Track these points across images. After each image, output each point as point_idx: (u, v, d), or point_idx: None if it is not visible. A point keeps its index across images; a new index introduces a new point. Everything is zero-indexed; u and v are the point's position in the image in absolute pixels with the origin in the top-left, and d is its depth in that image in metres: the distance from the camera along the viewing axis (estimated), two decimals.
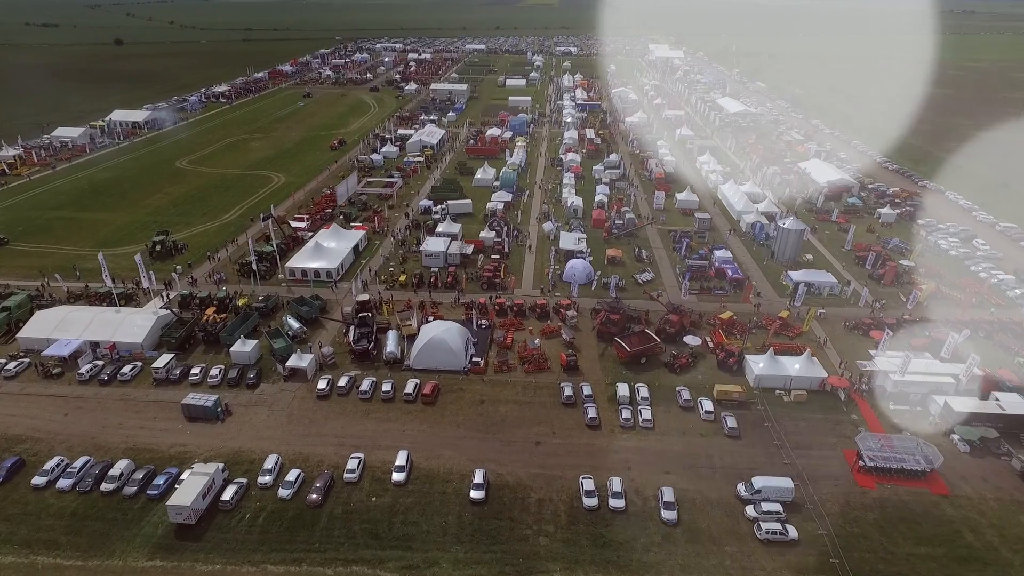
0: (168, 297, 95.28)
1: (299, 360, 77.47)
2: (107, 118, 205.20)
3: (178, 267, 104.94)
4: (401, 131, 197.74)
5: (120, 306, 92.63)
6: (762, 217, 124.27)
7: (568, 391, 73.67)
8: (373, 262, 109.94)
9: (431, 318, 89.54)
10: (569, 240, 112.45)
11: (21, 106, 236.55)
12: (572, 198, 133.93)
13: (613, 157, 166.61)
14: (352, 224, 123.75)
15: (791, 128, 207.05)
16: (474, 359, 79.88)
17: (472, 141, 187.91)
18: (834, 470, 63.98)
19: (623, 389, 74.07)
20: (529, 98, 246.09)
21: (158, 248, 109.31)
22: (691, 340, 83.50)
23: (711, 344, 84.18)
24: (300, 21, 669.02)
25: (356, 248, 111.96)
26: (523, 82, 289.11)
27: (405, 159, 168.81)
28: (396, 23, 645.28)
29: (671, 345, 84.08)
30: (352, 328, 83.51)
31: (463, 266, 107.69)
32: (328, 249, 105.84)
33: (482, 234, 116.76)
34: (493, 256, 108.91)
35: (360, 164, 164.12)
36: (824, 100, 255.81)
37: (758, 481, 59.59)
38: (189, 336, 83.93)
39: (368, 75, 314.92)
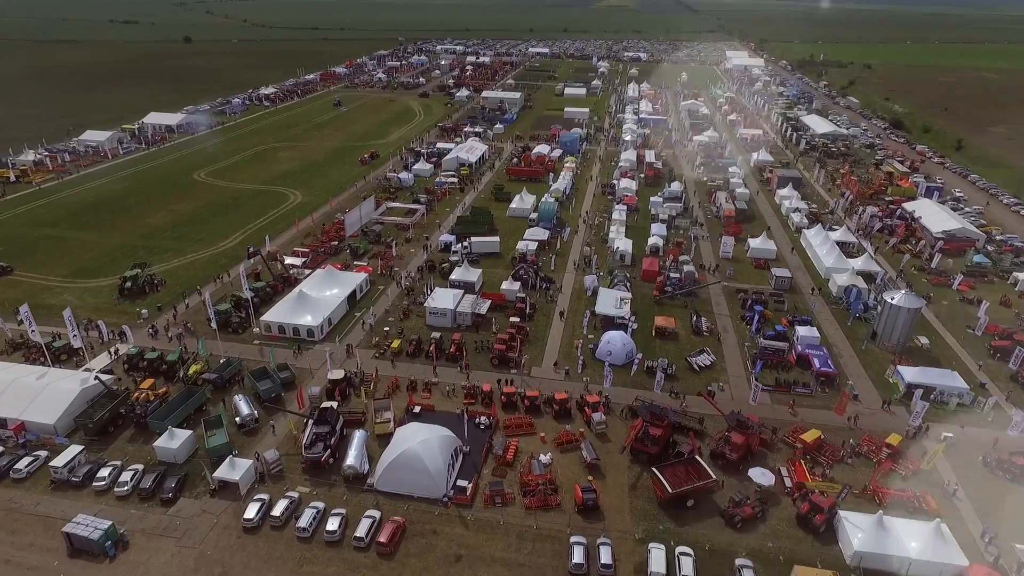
0: (116, 354, 79.72)
1: (231, 470, 59.34)
2: (141, 121, 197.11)
3: (144, 311, 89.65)
4: (441, 144, 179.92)
5: (63, 362, 78.00)
6: (859, 279, 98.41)
7: (579, 554, 52.21)
8: (371, 315, 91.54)
9: (417, 408, 70.04)
10: (608, 301, 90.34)
11: (66, 105, 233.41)
12: (620, 240, 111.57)
13: (675, 186, 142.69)
14: (355, 264, 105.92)
15: (892, 155, 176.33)
16: (459, 484, 59.64)
17: (515, 159, 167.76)
18: None
19: (657, 558, 52.00)
20: (587, 110, 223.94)
21: (128, 285, 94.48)
22: (761, 477, 60.24)
23: (788, 483, 60.80)
24: (367, 20, 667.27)
25: (353, 296, 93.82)
26: (583, 91, 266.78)
27: (437, 179, 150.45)
28: (462, 24, 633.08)
29: (731, 475, 61.40)
30: (309, 424, 64.90)
31: (476, 327, 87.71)
32: (314, 299, 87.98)
33: (504, 285, 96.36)
34: (512, 319, 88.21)
35: (387, 183, 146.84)
36: (930, 120, 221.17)
37: None
38: (114, 418, 67.46)
39: (421, 79, 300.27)
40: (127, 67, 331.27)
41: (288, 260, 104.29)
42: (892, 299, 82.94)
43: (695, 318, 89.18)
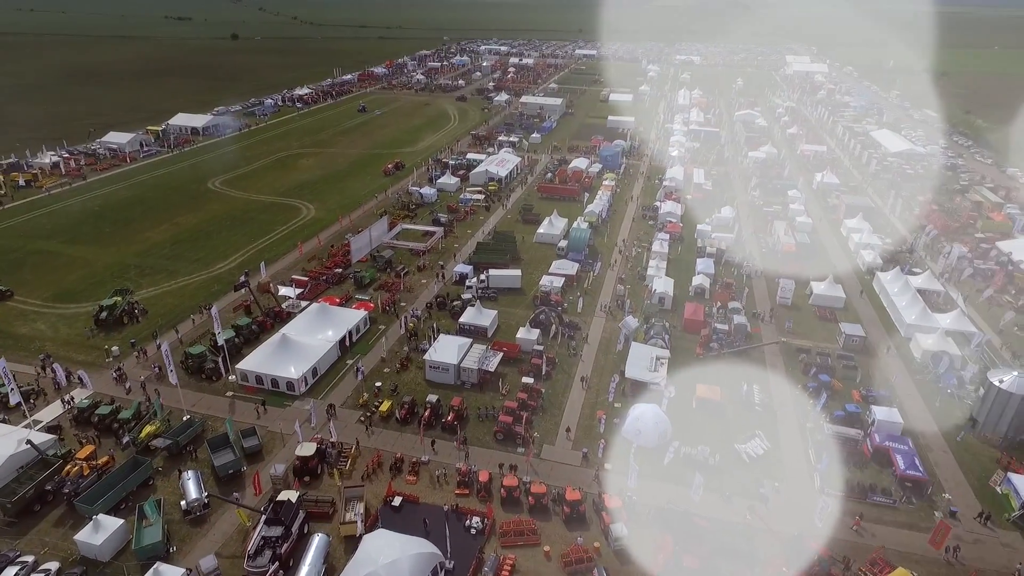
0: (70, 403, 69.88)
1: None
2: (167, 122, 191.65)
3: (115, 348, 79.96)
4: (471, 155, 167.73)
5: (10, 412, 68.64)
6: (950, 343, 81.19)
7: None
8: (367, 361, 79.72)
9: (397, 500, 57.54)
10: (642, 360, 76.02)
11: (100, 103, 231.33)
12: (659, 280, 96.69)
13: (726, 212, 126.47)
14: (356, 297, 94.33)
15: (979, 180, 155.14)
16: None
17: (549, 174, 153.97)
18: None
19: None
20: (632, 119, 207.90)
21: (104, 316, 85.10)
22: None
23: None
24: (416, 19, 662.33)
25: (348, 338, 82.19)
26: (630, 97, 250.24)
27: (462, 196, 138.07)
28: (511, 23, 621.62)
29: None
30: (260, 522, 53.11)
31: (481, 386, 74.83)
32: (299, 345, 76.58)
33: (520, 333, 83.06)
34: (526, 379, 74.88)
35: (407, 199, 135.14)
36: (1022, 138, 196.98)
37: None
38: (42, 494, 57.19)
39: (460, 81, 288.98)
40: (169, 64, 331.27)
41: (283, 291, 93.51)
42: (1000, 382, 66.15)
43: (745, 387, 73.99)
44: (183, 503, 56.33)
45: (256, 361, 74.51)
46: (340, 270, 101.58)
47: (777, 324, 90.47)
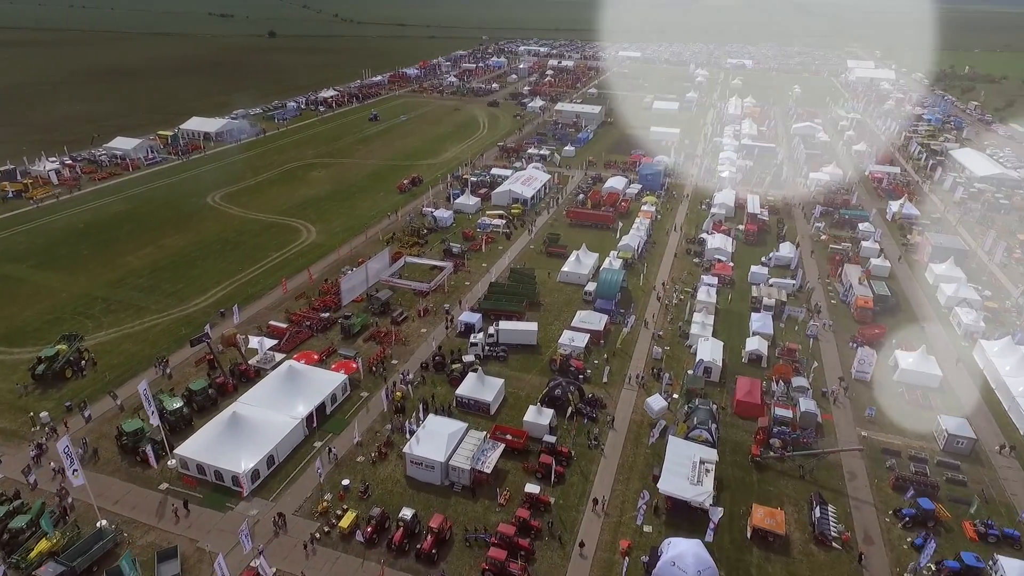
0: None
1: None
2: (179, 126, 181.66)
3: (44, 414, 66.95)
4: (496, 169, 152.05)
5: None
6: None
7: None
8: (339, 444, 65.01)
9: None
10: (680, 467, 58.87)
11: (121, 103, 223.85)
12: (704, 343, 79.14)
13: (784, 250, 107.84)
14: (340, 353, 79.49)
15: None
16: None
17: (581, 195, 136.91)
18: None
19: None
20: (677, 130, 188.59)
21: (41, 370, 72.21)
22: None
23: None
24: (457, 17, 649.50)
25: (319, 412, 67.52)
26: (676, 105, 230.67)
27: (480, 220, 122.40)
28: (552, 23, 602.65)
29: None
30: None
31: (474, 491, 59.06)
32: (253, 424, 62.12)
33: (529, 415, 66.95)
34: (530, 487, 58.60)
35: (419, 223, 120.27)
36: None
37: None
38: None
39: (494, 85, 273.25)
40: (199, 63, 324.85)
41: (252, 342, 79.26)
42: None
43: (818, 513, 56.18)
44: None
45: (198, 445, 60.32)
46: (328, 314, 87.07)
47: (854, 408, 72.11)
